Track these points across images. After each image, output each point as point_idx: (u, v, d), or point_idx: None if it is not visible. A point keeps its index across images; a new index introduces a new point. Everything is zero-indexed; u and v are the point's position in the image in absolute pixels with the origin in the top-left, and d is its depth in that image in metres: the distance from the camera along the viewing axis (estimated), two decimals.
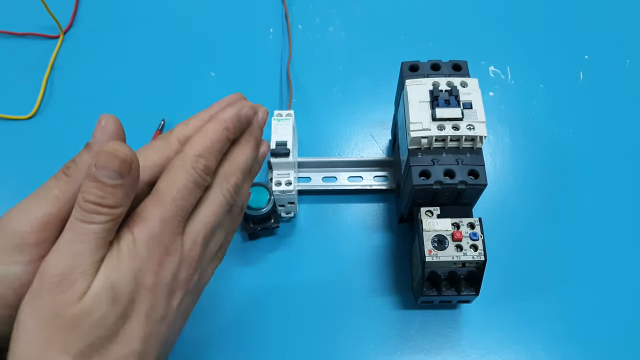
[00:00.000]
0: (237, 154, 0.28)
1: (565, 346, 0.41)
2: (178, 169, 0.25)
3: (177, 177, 0.25)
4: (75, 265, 0.21)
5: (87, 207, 0.22)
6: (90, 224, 0.22)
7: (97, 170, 0.22)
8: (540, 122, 0.51)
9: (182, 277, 0.25)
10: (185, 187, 0.25)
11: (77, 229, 0.22)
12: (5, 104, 0.53)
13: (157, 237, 0.24)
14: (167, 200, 0.24)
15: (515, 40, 0.57)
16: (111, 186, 0.22)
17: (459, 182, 0.36)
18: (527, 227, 0.46)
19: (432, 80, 0.38)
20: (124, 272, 0.23)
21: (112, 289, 0.22)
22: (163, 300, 0.24)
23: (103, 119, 0.24)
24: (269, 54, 0.56)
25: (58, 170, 0.25)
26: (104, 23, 0.59)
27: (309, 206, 0.47)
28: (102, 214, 0.22)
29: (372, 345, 0.41)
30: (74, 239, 0.22)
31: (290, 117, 0.43)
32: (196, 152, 0.25)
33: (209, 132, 0.26)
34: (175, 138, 0.27)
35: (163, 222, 0.24)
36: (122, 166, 0.22)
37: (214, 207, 0.26)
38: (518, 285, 0.43)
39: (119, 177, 0.22)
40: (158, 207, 0.24)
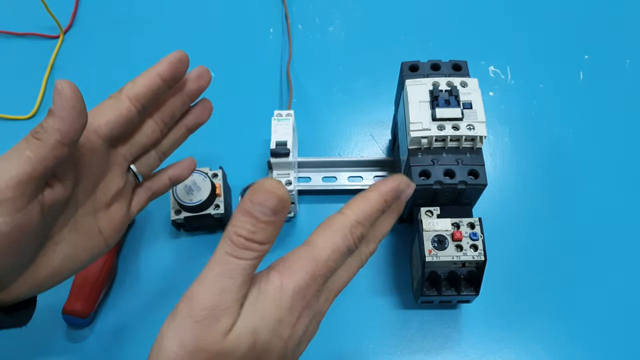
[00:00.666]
0: (382, 224, 0.29)
1: (566, 346, 0.41)
2: (338, 230, 0.25)
3: (335, 238, 0.25)
4: (223, 301, 0.22)
5: (239, 242, 0.22)
6: (240, 260, 0.22)
7: (252, 206, 0.22)
8: (540, 122, 0.51)
9: (310, 331, 0.26)
10: (339, 250, 0.25)
11: (227, 263, 0.22)
12: (5, 104, 0.53)
13: (303, 291, 0.24)
14: (322, 258, 0.24)
15: (515, 40, 0.57)
16: (264, 222, 0.22)
17: (459, 182, 0.36)
18: (527, 227, 0.46)
19: (432, 80, 0.38)
20: (266, 320, 0.23)
21: (253, 334, 0.23)
22: (292, 351, 0.25)
23: (59, 84, 0.25)
24: (269, 54, 0.56)
25: (27, 135, 0.26)
26: (103, 23, 0.59)
27: (309, 206, 0.47)
28: (253, 250, 0.22)
29: (372, 345, 0.41)
30: (222, 273, 0.22)
31: (290, 117, 0.43)
32: (357, 217, 0.26)
33: (371, 200, 0.26)
34: (125, 96, 0.30)
35: (313, 279, 0.24)
36: (279, 204, 0.22)
37: (352, 270, 0.27)
38: (518, 285, 0.43)
39: (273, 214, 0.22)
40: (311, 263, 0.24)
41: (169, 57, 0.32)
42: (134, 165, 0.33)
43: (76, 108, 0.26)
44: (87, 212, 0.31)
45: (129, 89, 0.30)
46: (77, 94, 0.26)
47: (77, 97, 0.26)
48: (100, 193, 0.31)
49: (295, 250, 0.25)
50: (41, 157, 0.25)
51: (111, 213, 0.32)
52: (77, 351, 0.41)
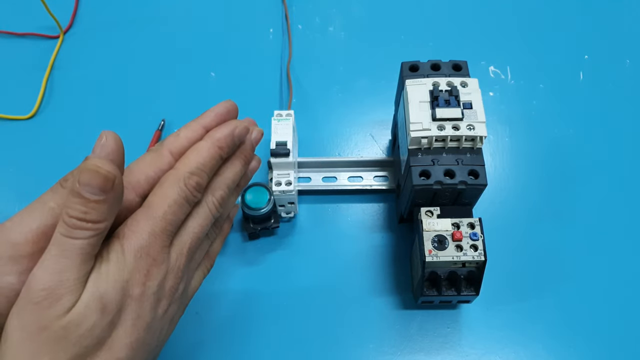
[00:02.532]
0: (226, 171, 0.29)
1: (566, 346, 0.41)
2: (170, 184, 0.26)
3: (168, 192, 0.25)
4: (62, 280, 0.22)
5: (71, 223, 0.22)
6: (75, 239, 0.22)
7: (80, 187, 0.22)
8: (540, 122, 0.51)
9: (168, 287, 0.26)
10: (176, 203, 0.25)
11: (62, 244, 0.22)
12: (6, 104, 0.53)
13: (145, 249, 0.24)
14: (157, 215, 0.25)
15: (515, 40, 0.57)
16: (94, 201, 0.22)
17: (459, 182, 0.36)
18: (527, 227, 0.46)
19: (432, 80, 0.38)
20: (112, 283, 0.23)
21: (100, 300, 0.23)
22: (149, 309, 0.25)
23: (104, 136, 0.24)
24: (269, 54, 0.56)
25: (55, 183, 0.25)
26: (104, 23, 0.59)
27: (309, 206, 0.47)
28: (87, 229, 0.22)
29: (372, 345, 0.41)
30: (58, 253, 0.22)
31: (290, 117, 0.43)
32: (189, 169, 0.26)
33: (203, 150, 0.27)
34: (167, 150, 0.28)
35: (152, 235, 0.25)
36: (105, 183, 0.22)
37: (200, 220, 0.27)
38: (518, 285, 0.43)
39: (101, 192, 0.22)
40: (148, 221, 0.25)
41: (216, 108, 0.29)
42: None
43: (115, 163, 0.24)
44: None
45: (171, 142, 0.28)
46: (120, 148, 0.25)
47: (119, 151, 0.25)
48: None
49: (134, 214, 0.25)
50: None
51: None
52: None
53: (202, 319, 0.42)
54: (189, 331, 0.41)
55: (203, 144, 0.27)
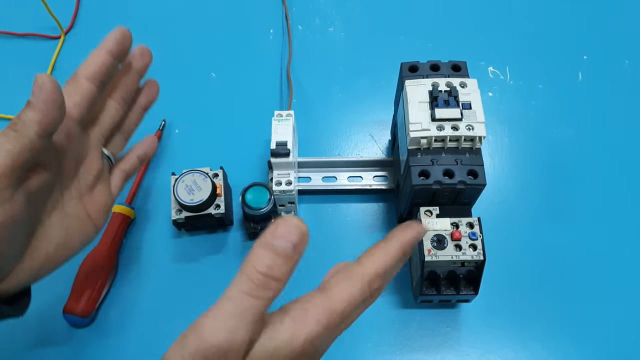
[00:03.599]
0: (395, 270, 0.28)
1: (565, 345, 0.41)
2: (356, 281, 0.25)
3: (352, 290, 0.24)
4: (233, 341, 0.21)
5: (257, 279, 0.21)
6: (255, 299, 0.21)
7: (274, 239, 0.21)
8: (539, 122, 0.52)
9: None
10: (355, 302, 0.24)
11: (241, 302, 0.21)
12: (6, 104, 0.53)
13: (314, 340, 0.23)
14: (337, 310, 0.24)
15: (514, 40, 0.57)
16: (283, 257, 0.21)
17: (458, 182, 0.36)
18: (526, 226, 0.46)
19: (432, 81, 0.38)
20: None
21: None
22: None
23: (39, 78, 0.26)
24: (269, 54, 0.56)
25: (4, 128, 0.26)
26: (104, 23, 0.59)
27: (309, 206, 0.47)
28: (269, 289, 0.22)
29: (371, 344, 0.41)
30: (235, 312, 0.21)
31: (290, 117, 0.43)
32: (377, 271, 0.25)
33: (391, 252, 0.26)
34: (83, 77, 0.30)
35: (326, 329, 0.23)
36: (301, 239, 0.21)
37: (361, 312, 0.26)
38: (517, 284, 0.43)
39: (293, 249, 0.21)
40: (327, 314, 0.24)
41: (113, 34, 0.32)
42: (105, 148, 0.35)
43: (57, 102, 0.26)
44: (72, 196, 0.32)
45: (84, 69, 0.31)
46: (57, 87, 0.26)
47: (57, 90, 0.26)
48: (82, 177, 0.32)
49: (310, 296, 0.24)
50: (20, 150, 0.26)
51: (95, 196, 0.33)
52: (77, 351, 0.41)
53: None
54: None
55: (392, 246, 0.26)
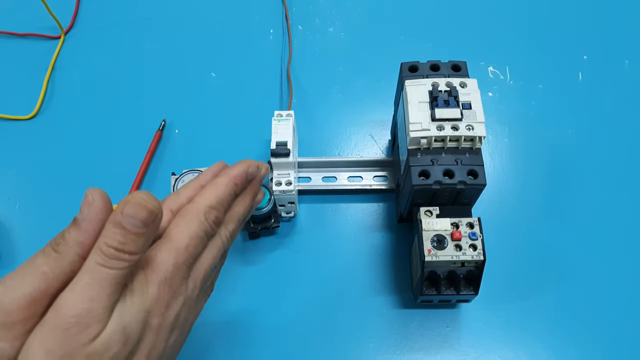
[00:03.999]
0: (237, 205, 0.30)
1: (565, 345, 0.41)
2: (192, 217, 0.27)
3: (190, 226, 0.27)
4: (92, 309, 0.22)
5: (109, 252, 0.22)
6: (110, 269, 0.23)
7: (123, 218, 0.22)
8: (539, 122, 0.52)
9: (182, 317, 0.27)
10: (197, 236, 0.27)
11: (96, 273, 0.22)
12: (7, 104, 0.53)
13: (168, 281, 0.25)
14: (180, 247, 0.26)
15: (514, 40, 0.57)
16: (135, 234, 0.23)
17: (458, 182, 0.36)
18: (526, 226, 0.46)
19: (432, 81, 0.38)
20: (135, 314, 0.24)
21: (124, 330, 0.23)
22: (163, 339, 0.26)
23: (90, 194, 0.24)
24: (269, 54, 0.56)
25: (46, 245, 0.24)
26: (104, 23, 0.59)
27: (309, 206, 0.47)
28: (122, 260, 0.23)
29: (371, 344, 0.41)
30: (92, 282, 0.22)
31: (290, 117, 0.43)
32: (209, 203, 0.28)
33: (220, 185, 0.29)
34: (169, 209, 0.28)
35: (175, 267, 0.26)
36: (149, 216, 0.23)
37: (214, 252, 0.28)
38: (517, 284, 0.43)
39: (143, 226, 0.23)
40: (172, 253, 0.26)
41: (212, 168, 0.31)
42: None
43: (104, 223, 0.24)
44: None
45: (172, 201, 0.29)
46: (108, 205, 0.24)
47: (108, 209, 0.24)
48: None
49: (155, 245, 0.26)
50: (58, 273, 0.23)
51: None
52: None
53: (202, 318, 0.42)
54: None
55: (220, 180, 0.29)
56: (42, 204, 0.48)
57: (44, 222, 0.47)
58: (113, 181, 0.48)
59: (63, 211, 0.47)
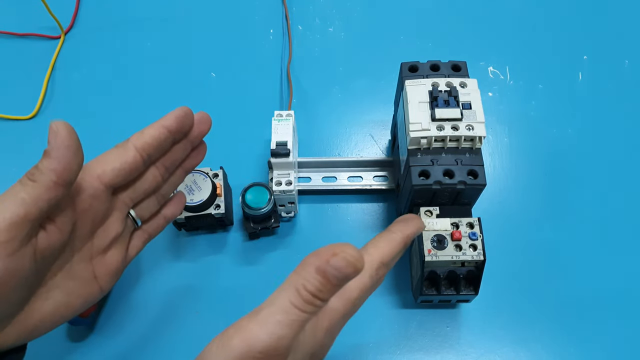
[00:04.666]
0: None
1: (565, 345, 0.41)
2: (365, 271, 0.27)
3: (363, 279, 0.27)
4: (279, 348, 0.23)
5: (306, 297, 0.23)
6: (303, 313, 0.23)
7: (328, 268, 0.23)
8: (539, 122, 0.52)
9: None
10: (366, 290, 0.28)
11: (289, 313, 0.23)
12: (7, 104, 0.53)
13: (333, 328, 0.27)
14: (351, 299, 0.27)
15: (514, 40, 0.57)
16: (333, 285, 0.23)
17: (458, 182, 0.36)
18: (526, 226, 0.46)
19: (432, 81, 0.38)
20: (302, 357, 0.25)
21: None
22: None
23: (54, 125, 0.25)
24: (269, 54, 0.56)
25: (22, 177, 0.26)
26: (104, 24, 0.59)
27: (309, 206, 0.47)
28: (315, 306, 0.23)
29: (371, 344, 0.41)
30: (283, 321, 0.23)
31: (290, 117, 0.43)
32: (383, 259, 0.29)
33: (395, 242, 0.30)
34: (132, 145, 0.30)
35: (343, 317, 0.27)
36: (354, 273, 0.23)
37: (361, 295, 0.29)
38: (517, 284, 0.43)
39: (344, 279, 0.23)
40: (344, 303, 0.27)
41: (175, 112, 0.31)
42: (133, 210, 0.33)
43: (71, 148, 0.25)
44: (83, 258, 0.30)
45: (136, 139, 0.30)
46: (73, 134, 0.26)
47: (73, 137, 0.26)
48: (98, 239, 0.31)
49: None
50: (35, 199, 0.25)
51: (108, 259, 0.32)
52: (77, 350, 0.41)
53: (203, 318, 0.42)
54: (189, 330, 0.41)
55: (396, 237, 0.30)
56: None
57: None
58: None
59: None
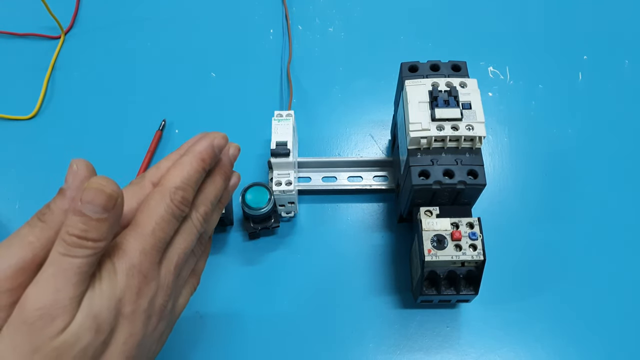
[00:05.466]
0: (208, 187, 0.29)
1: (565, 345, 0.41)
2: (157, 201, 0.26)
3: (156, 209, 0.25)
4: (57, 300, 0.21)
5: (71, 241, 0.22)
6: (74, 258, 0.22)
7: (82, 205, 0.22)
8: (539, 122, 0.52)
9: (157, 304, 0.26)
10: (164, 219, 0.25)
11: (60, 263, 0.22)
12: (7, 104, 0.53)
13: (137, 267, 0.24)
14: (146, 232, 0.25)
15: (514, 40, 0.57)
16: (96, 220, 0.22)
17: (458, 182, 0.36)
18: (526, 226, 0.46)
19: (432, 81, 0.38)
20: (106, 302, 0.23)
21: (94, 319, 0.23)
22: (140, 327, 0.25)
23: (74, 164, 0.24)
24: (269, 54, 0.56)
25: (32, 217, 0.24)
26: (104, 23, 0.59)
27: (309, 206, 0.47)
28: (86, 248, 0.22)
29: (371, 344, 0.41)
30: (56, 273, 0.22)
31: (290, 117, 0.43)
32: (174, 184, 0.26)
33: (186, 164, 0.27)
34: (149, 182, 0.28)
35: (143, 253, 0.25)
36: (108, 201, 0.22)
37: (186, 236, 0.28)
38: (517, 284, 0.43)
39: (104, 211, 0.22)
40: (138, 239, 0.25)
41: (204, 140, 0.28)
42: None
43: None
44: None
45: (153, 174, 0.28)
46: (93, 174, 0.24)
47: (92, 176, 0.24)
48: None
49: (123, 232, 0.25)
50: (44, 242, 0.23)
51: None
52: None
53: (202, 318, 0.42)
54: (188, 330, 0.41)
55: (185, 158, 0.27)
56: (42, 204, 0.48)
57: None
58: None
59: None
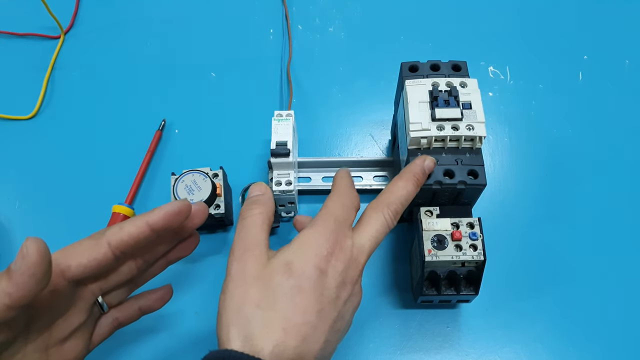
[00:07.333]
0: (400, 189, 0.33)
1: (565, 345, 0.41)
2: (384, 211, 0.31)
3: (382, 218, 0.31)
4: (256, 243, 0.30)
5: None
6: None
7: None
8: (540, 122, 0.52)
9: (350, 275, 0.29)
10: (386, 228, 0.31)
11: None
12: (7, 104, 0.53)
13: (332, 231, 0.29)
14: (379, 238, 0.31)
15: (514, 40, 0.57)
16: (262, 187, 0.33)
17: (458, 182, 0.36)
18: (526, 226, 0.46)
19: (432, 81, 0.38)
20: (302, 252, 0.28)
21: (287, 264, 0.27)
22: (334, 287, 0.28)
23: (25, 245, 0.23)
24: (269, 54, 0.56)
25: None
26: (104, 23, 0.59)
27: (309, 206, 0.47)
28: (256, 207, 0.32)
29: (371, 344, 0.41)
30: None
31: (290, 118, 0.43)
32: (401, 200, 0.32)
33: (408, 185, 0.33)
34: (106, 241, 0.27)
35: (337, 222, 0.29)
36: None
37: (378, 226, 0.31)
38: (517, 284, 0.43)
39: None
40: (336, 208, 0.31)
41: (166, 208, 0.28)
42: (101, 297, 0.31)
43: (36, 276, 0.23)
44: (37, 348, 0.28)
45: (113, 234, 0.27)
46: (44, 258, 0.23)
47: (42, 262, 0.23)
48: (57, 329, 0.28)
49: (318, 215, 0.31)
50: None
51: (66, 348, 0.29)
52: None
53: (202, 318, 0.42)
54: (188, 330, 0.41)
55: (400, 182, 0.33)
56: (42, 204, 0.48)
57: (44, 222, 0.47)
58: (113, 181, 0.48)
59: (63, 211, 0.48)
